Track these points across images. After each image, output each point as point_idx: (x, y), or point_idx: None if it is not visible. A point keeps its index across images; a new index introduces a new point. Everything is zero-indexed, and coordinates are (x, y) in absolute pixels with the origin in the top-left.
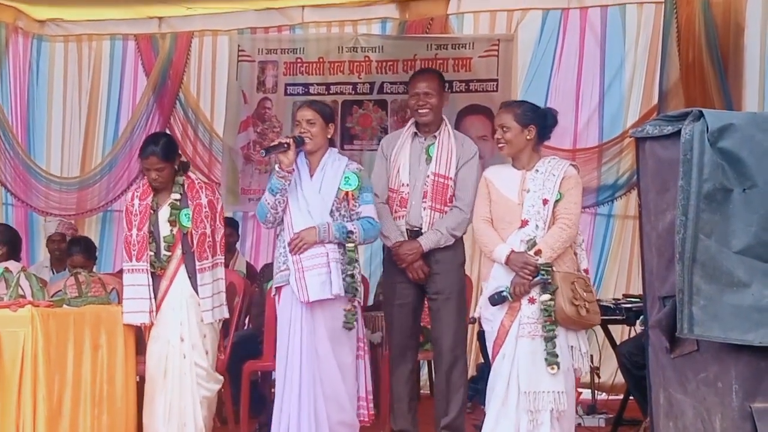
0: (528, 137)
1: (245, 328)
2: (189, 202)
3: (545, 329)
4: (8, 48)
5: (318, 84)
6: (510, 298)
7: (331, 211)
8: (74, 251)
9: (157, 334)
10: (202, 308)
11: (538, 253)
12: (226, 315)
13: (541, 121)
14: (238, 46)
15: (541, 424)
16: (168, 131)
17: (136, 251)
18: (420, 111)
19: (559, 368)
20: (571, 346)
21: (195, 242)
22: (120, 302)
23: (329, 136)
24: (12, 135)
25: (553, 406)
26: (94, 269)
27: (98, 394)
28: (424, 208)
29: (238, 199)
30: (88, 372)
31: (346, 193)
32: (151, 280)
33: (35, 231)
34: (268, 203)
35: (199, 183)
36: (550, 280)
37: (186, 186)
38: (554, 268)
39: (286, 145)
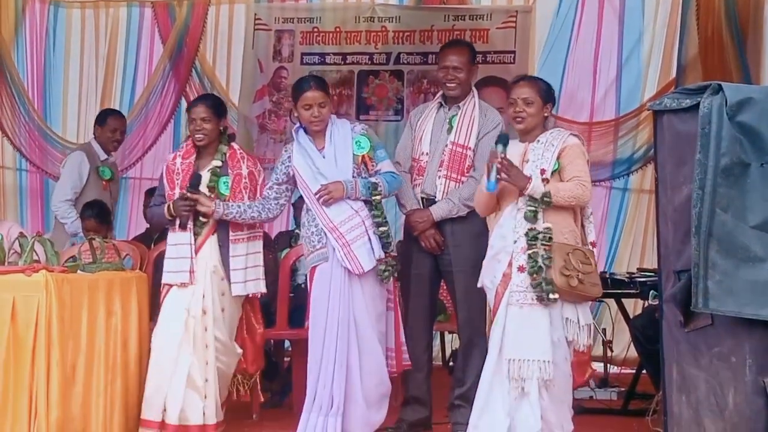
0: (545, 114)
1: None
2: (229, 170)
3: (530, 260)
4: (25, 14)
5: (334, 54)
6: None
7: (353, 178)
8: (87, 215)
9: (175, 300)
10: (233, 280)
11: (545, 181)
12: (263, 289)
13: (553, 99)
14: (255, 14)
15: (528, 393)
16: (183, 99)
17: None
18: (448, 85)
19: (553, 294)
20: (566, 318)
21: None
22: (134, 269)
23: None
24: (28, 101)
25: (539, 374)
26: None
27: (112, 360)
28: (439, 177)
29: None
30: (101, 338)
31: (363, 157)
32: (194, 239)
33: (50, 197)
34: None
35: (241, 153)
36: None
37: (228, 155)
38: (552, 239)
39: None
